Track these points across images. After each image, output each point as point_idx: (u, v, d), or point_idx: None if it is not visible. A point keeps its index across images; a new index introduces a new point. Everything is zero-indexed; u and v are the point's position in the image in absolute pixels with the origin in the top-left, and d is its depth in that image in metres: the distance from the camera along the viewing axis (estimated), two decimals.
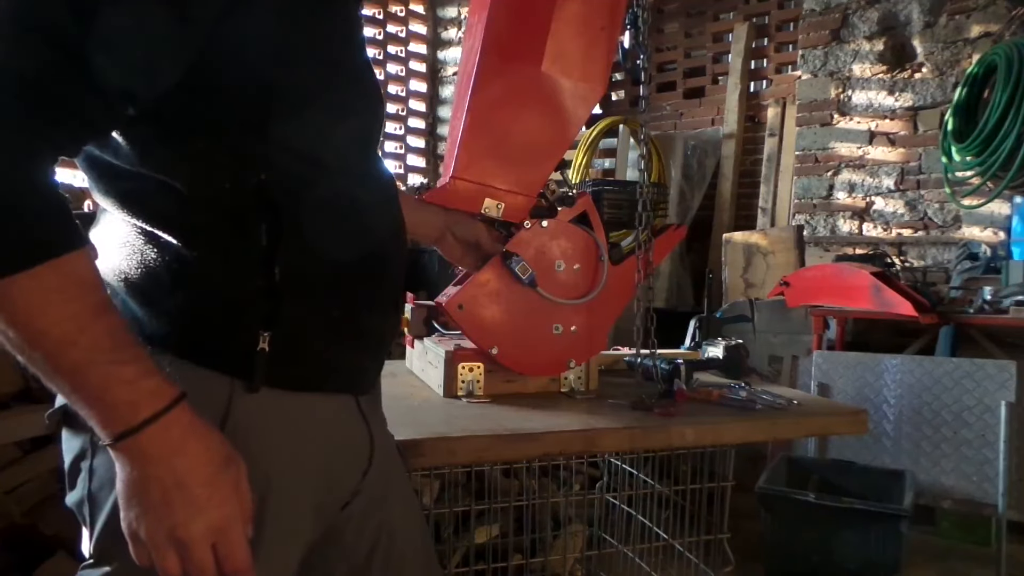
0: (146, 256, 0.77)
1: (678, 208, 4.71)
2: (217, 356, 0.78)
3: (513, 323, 1.37)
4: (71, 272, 0.66)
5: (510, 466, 2.14)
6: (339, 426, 0.90)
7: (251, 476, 0.76)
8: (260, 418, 0.80)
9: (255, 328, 0.78)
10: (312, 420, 0.85)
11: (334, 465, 0.89)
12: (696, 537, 1.84)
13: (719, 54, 5.10)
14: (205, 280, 0.77)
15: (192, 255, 0.76)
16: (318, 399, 0.86)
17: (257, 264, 0.78)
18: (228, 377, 0.78)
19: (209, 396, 0.77)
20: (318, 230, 0.81)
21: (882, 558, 2.38)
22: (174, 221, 0.76)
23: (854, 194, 4.24)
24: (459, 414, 1.29)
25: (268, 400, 0.79)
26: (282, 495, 0.82)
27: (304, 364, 0.83)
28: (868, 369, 2.92)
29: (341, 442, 0.91)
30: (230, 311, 0.78)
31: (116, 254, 0.79)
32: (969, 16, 3.86)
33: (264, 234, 0.77)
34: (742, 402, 1.41)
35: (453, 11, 5.55)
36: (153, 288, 0.77)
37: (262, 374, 0.78)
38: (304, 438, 0.84)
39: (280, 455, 0.82)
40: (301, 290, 0.80)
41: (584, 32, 1.33)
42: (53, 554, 1.76)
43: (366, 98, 0.88)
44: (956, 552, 2.87)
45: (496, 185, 1.35)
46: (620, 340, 1.84)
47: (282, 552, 0.83)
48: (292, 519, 0.84)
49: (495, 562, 1.93)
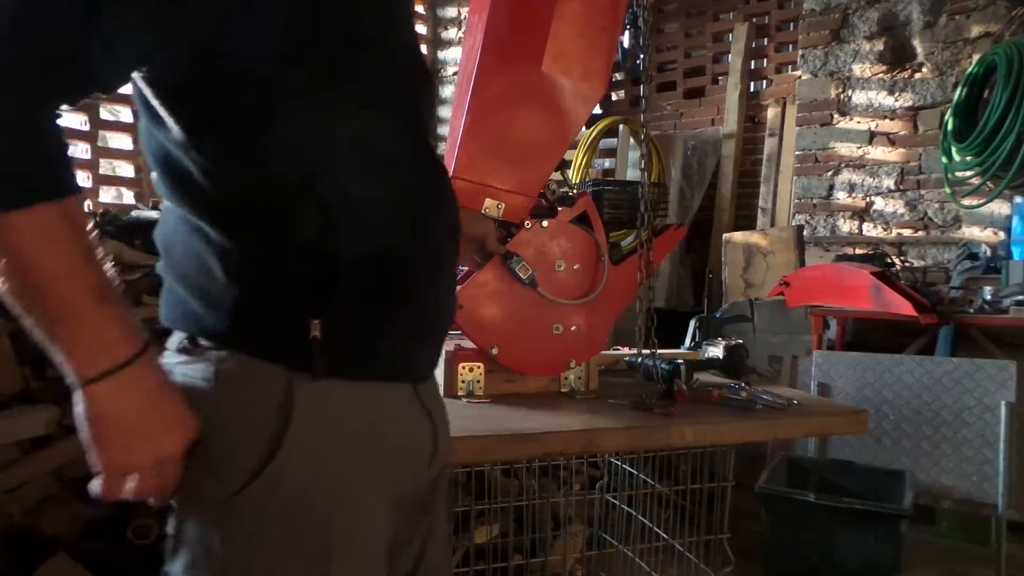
0: (198, 250, 0.78)
1: (678, 208, 4.70)
2: (273, 347, 0.78)
3: (513, 323, 1.37)
4: (69, 214, 0.69)
5: (510, 466, 2.14)
6: (401, 415, 0.89)
7: (319, 464, 0.78)
8: (322, 407, 0.79)
9: (306, 317, 0.78)
10: (372, 409, 0.85)
11: (401, 454, 0.88)
12: (696, 537, 1.84)
13: (719, 54, 5.09)
14: (255, 271, 0.78)
15: (241, 247, 0.77)
16: (376, 387, 0.85)
17: (305, 253, 0.78)
18: (285, 368, 0.78)
19: (269, 387, 0.77)
20: (367, 217, 0.80)
21: (882, 558, 2.38)
22: (225, 215, 0.77)
23: (854, 194, 4.24)
24: (459, 414, 1.28)
25: (328, 389, 0.79)
26: (353, 485, 0.82)
27: (358, 352, 0.82)
28: (868, 369, 2.91)
29: (406, 431, 0.90)
30: (280, 301, 0.78)
31: (176, 250, 0.81)
32: (969, 16, 3.85)
33: (311, 223, 0.77)
34: (742, 402, 1.41)
35: (453, 11, 5.55)
36: (208, 283, 0.78)
37: (321, 362, 0.78)
38: (370, 428, 0.84)
39: (345, 446, 0.81)
40: (350, 278, 0.79)
41: (584, 32, 1.33)
42: (53, 554, 1.76)
43: (411, 80, 0.87)
44: (956, 552, 2.86)
45: (496, 185, 1.35)
46: (620, 340, 1.84)
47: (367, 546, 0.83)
48: (366, 510, 0.83)
49: (495, 562, 1.93)
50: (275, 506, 0.77)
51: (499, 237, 1.38)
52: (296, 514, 0.79)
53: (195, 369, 0.79)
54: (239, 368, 0.77)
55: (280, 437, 0.77)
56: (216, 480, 0.77)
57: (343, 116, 0.78)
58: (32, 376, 1.96)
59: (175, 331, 0.83)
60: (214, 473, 0.77)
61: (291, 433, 0.77)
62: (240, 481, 0.76)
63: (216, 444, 0.77)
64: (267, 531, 0.78)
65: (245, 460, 0.77)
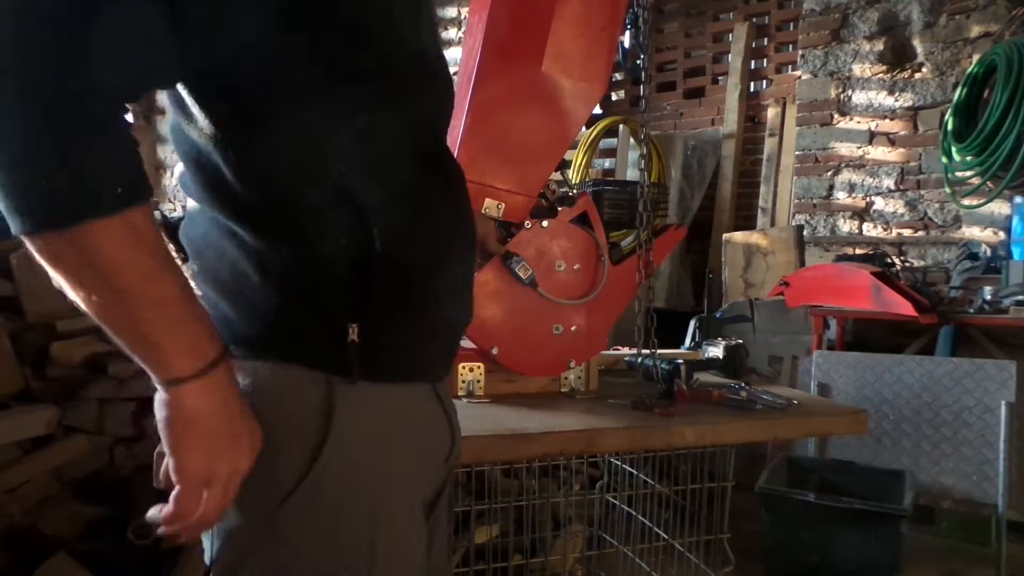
0: (232, 254, 0.77)
1: (678, 208, 4.70)
2: (311, 353, 0.77)
3: (513, 323, 1.37)
4: (148, 218, 0.67)
5: (510, 466, 2.14)
6: (428, 416, 0.90)
7: (360, 471, 0.78)
8: (361, 413, 0.79)
9: (344, 320, 0.77)
10: (405, 413, 0.85)
11: (429, 456, 0.89)
12: (696, 537, 1.84)
13: (719, 54, 5.10)
14: (292, 275, 0.76)
15: (277, 250, 0.76)
16: (407, 389, 0.85)
17: (340, 257, 0.77)
18: (324, 374, 0.77)
19: (306, 394, 0.76)
20: (397, 219, 0.79)
21: (882, 558, 2.38)
22: (258, 219, 0.76)
23: (854, 194, 4.24)
24: (459, 414, 1.29)
25: (365, 393, 0.78)
26: (393, 490, 0.82)
27: (392, 355, 0.82)
28: (868, 369, 2.91)
29: (432, 432, 0.90)
30: (319, 305, 0.77)
31: (208, 256, 0.79)
32: (969, 16, 3.86)
33: (344, 224, 0.76)
34: (742, 402, 1.41)
35: (453, 11, 5.55)
36: (243, 287, 0.77)
37: (358, 366, 0.77)
38: (402, 432, 0.84)
39: (385, 451, 0.81)
40: (383, 281, 0.79)
41: (584, 32, 1.33)
42: (53, 554, 1.76)
43: (436, 83, 0.86)
44: (956, 552, 2.87)
45: (496, 185, 1.35)
46: (620, 340, 1.84)
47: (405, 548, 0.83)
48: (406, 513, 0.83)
49: (495, 562, 1.93)
50: (315, 515, 0.76)
51: (499, 237, 1.38)
52: (337, 521, 0.77)
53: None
54: (277, 375, 0.76)
55: (321, 445, 0.76)
56: (256, 493, 0.75)
57: (376, 120, 0.77)
58: (32, 376, 1.96)
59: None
60: (254, 486, 0.75)
61: (331, 440, 0.76)
62: (282, 493, 0.75)
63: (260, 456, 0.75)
64: (309, 541, 0.77)
65: (286, 472, 0.75)
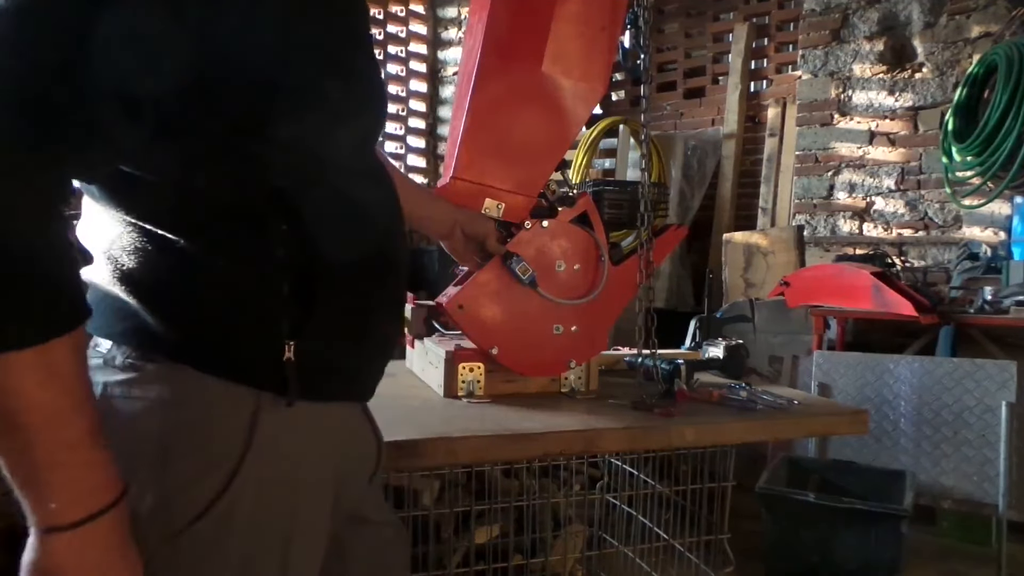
0: (160, 264, 0.73)
1: (678, 208, 4.70)
2: (243, 368, 0.74)
3: (513, 323, 1.37)
4: (71, 350, 0.62)
5: (510, 466, 2.14)
6: (354, 434, 0.89)
7: (277, 492, 0.75)
8: (285, 432, 0.76)
9: (281, 338, 0.74)
10: (332, 430, 0.83)
11: (349, 475, 0.88)
12: (696, 537, 1.84)
13: (719, 54, 5.09)
14: (228, 289, 0.73)
15: (212, 263, 0.73)
16: (335, 408, 0.83)
17: (279, 271, 0.75)
18: (254, 390, 0.74)
19: (233, 409, 0.73)
20: (331, 234, 0.77)
21: (882, 558, 2.38)
22: (192, 228, 0.72)
23: (854, 194, 4.24)
24: (459, 414, 1.29)
25: (293, 412, 0.76)
26: (310, 511, 0.80)
27: (326, 373, 0.80)
28: (868, 369, 2.92)
29: (358, 450, 0.90)
30: (256, 321, 0.75)
31: (125, 260, 0.74)
32: (969, 16, 3.85)
33: (283, 240, 0.74)
34: (742, 402, 1.41)
35: (453, 11, 5.55)
36: (171, 297, 0.73)
37: (295, 385, 0.75)
38: (326, 451, 0.82)
39: (306, 470, 0.79)
40: (321, 297, 0.77)
41: (584, 32, 1.33)
42: None
43: (370, 97, 0.86)
44: (956, 552, 2.87)
45: (496, 185, 1.35)
46: (620, 340, 1.84)
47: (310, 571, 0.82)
48: (316, 535, 0.82)
49: (495, 562, 1.93)
50: (230, 540, 0.73)
51: (499, 237, 1.38)
52: (252, 546, 0.75)
53: (146, 389, 0.72)
54: (200, 388, 0.72)
55: (239, 465, 0.72)
56: (163, 515, 0.71)
57: (311, 133, 0.76)
58: None
59: (114, 344, 0.75)
60: (162, 507, 0.71)
61: (249, 460, 0.73)
62: (190, 515, 0.71)
63: (170, 473, 0.71)
64: (223, 566, 0.73)
65: (199, 491, 0.71)
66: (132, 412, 0.72)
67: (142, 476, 0.71)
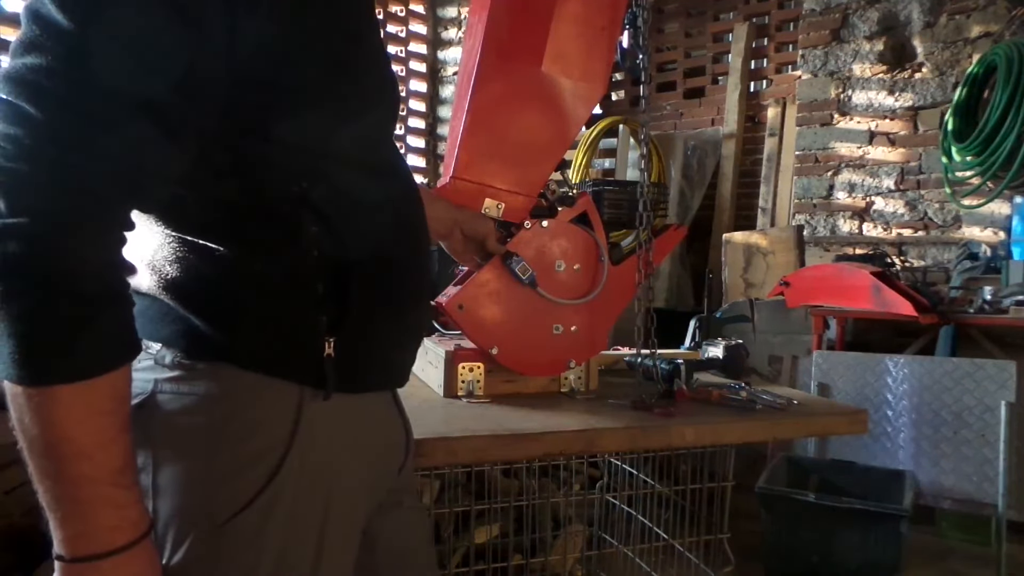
0: (202, 269, 0.75)
1: (678, 208, 4.70)
2: (285, 365, 0.77)
3: (513, 323, 1.37)
4: (117, 385, 0.65)
5: (510, 466, 2.14)
6: (387, 423, 0.92)
7: (316, 484, 0.78)
8: (327, 425, 0.79)
9: (321, 334, 0.78)
10: (368, 421, 0.86)
11: (381, 465, 0.91)
12: (696, 537, 1.84)
13: (719, 54, 5.09)
14: (266, 290, 0.76)
15: (250, 267, 0.76)
16: (370, 398, 0.86)
17: (314, 270, 0.77)
18: (297, 385, 0.77)
19: (278, 405, 0.77)
20: (359, 230, 0.81)
21: (882, 558, 2.38)
22: (228, 235, 0.75)
23: (854, 194, 4.24)
24: (459, 414, 1.29)
25: (332, 405, 0.79)
26: (344, 502, 0.82)
27: (364, 366, 0.83)
28: (868, 369, 2.92)
29: (389, 440, 0.93)
30: (294, 319, 0.78)
31: (168, 269, 0.76)
32: (969, 16, 3.86)
33: (315, 240, 0.77)
34: (742, 402, 1.41)
35: (453, 11, 5.55)
36: (213, 301, 0.76)
37: (333, 380, 0.78)
38: (362, 441, 0.85)
39: (343, 461, 0.82)
40: (355, 292, 0.80)
41: (584, 32, 1.33)
42: None
43: (383, 91, 0.87)
44: (956, 552, 2.87)
45: (496, 185, 1.35)
46: (620, 340, 1.84)
47: (343, 561, 0.84)
48: (351, 526, 0.85)
49: (495, 562, 1.93)
50: (270, 531, 0.76)
51: (499, 237, 1.38)
52: (289, 537, 0.77)
53: (194, 386, 0.75)
54: (245, 385, 0.75)
55: (284, 458, 0.76)
56: (211, 505, 0.74)
57: (330, 130, 0.78)
58: None
59: (163, 345, 0.78)
60: (209, 498, 0.74)
61: (293, 453, 0.76)
62: (235, 507, 0.74)
63: (217, 466, 0.74)
64: (261, 556, 0.75)
65: (245, 483, 0.75)
66: (181, 407, 0.75)
67: (189, 468, 0.74)
